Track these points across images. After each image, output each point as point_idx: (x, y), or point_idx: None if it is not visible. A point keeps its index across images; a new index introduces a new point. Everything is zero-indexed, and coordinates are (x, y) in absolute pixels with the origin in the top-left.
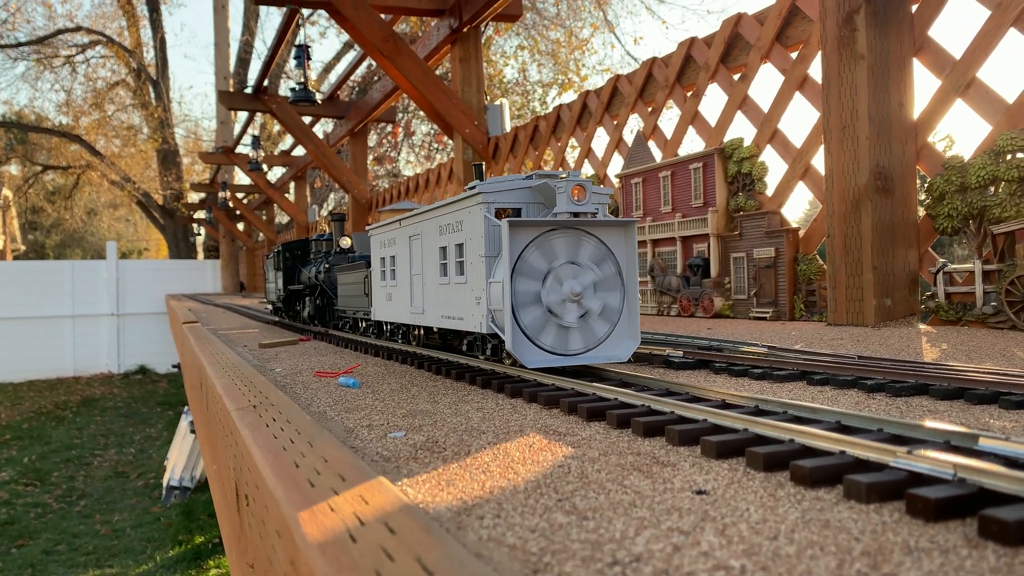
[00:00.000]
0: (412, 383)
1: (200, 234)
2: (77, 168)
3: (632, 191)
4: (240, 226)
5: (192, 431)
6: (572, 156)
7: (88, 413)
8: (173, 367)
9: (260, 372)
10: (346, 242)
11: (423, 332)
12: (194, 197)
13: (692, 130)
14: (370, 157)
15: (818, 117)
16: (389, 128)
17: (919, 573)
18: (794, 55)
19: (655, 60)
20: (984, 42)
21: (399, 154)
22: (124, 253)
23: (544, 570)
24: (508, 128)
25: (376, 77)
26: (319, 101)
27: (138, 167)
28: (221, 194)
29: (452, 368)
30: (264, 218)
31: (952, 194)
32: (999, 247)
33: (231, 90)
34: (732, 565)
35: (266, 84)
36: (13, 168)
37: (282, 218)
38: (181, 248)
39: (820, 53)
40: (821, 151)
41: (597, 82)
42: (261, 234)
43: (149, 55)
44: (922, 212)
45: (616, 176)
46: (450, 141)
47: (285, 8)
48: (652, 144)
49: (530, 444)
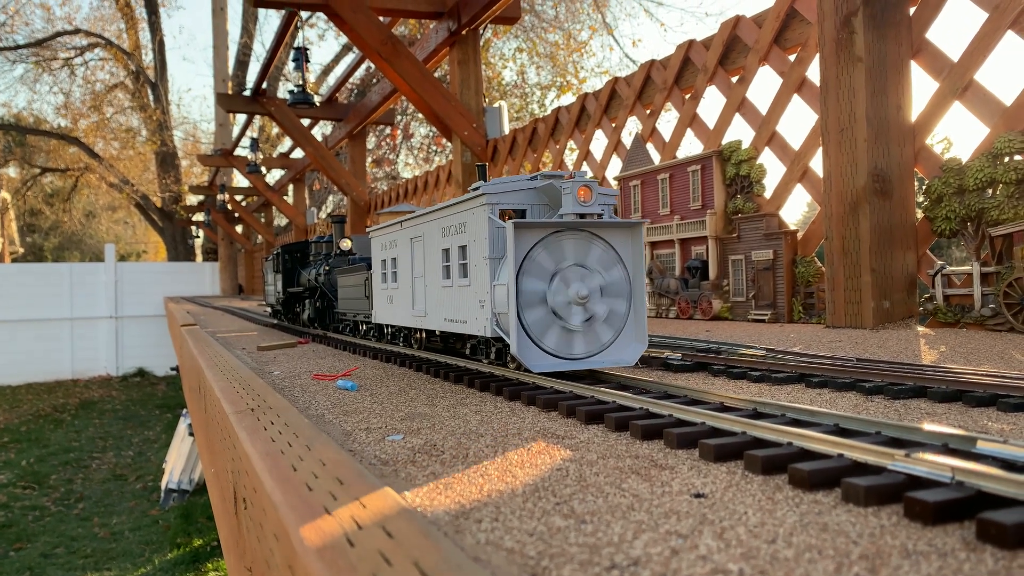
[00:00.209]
0: (410, 386)
1: (199, 236)
2: (75, 170)
3: (630, 193)
4: (239, 228)
5: (190, 434)
6: (570, 158)
7: (86, 416)
8: (171, 370)
9: (258, 375)
10: (346, 244)
11: (425, 335)
12: (193, 200)
13: (690, 132)
14: (369, 159)
15: (816, 119)
16: (388, 130)
17: None
18: (792, 57)
19: (653, 63)
20: (982, 44)
21: (398, 156)
22: (122, 256)
23: (542, 574)
24: (507, 130)
25: (375, 79)
26: (318, 103)
27: (136, 169)
28: (220, 196)
29: (450, 371)
30: (263, 220)
31: (950, 196)
32: (997, 249)
33: (230, 92)
34: (730, 569)
35: (265, 86)
36: (11, 171)
37: (281, 220)
38: (180, 251)
39: (818, 56)
40: (819, 153)
41: (595, 84)
42: (260, 236)
43: (148, 57)
44: (920, 214)
45: (614, 178)
46: (449, 143)
47: (284, 11)
48: (650, 146)
49: (528, 447)
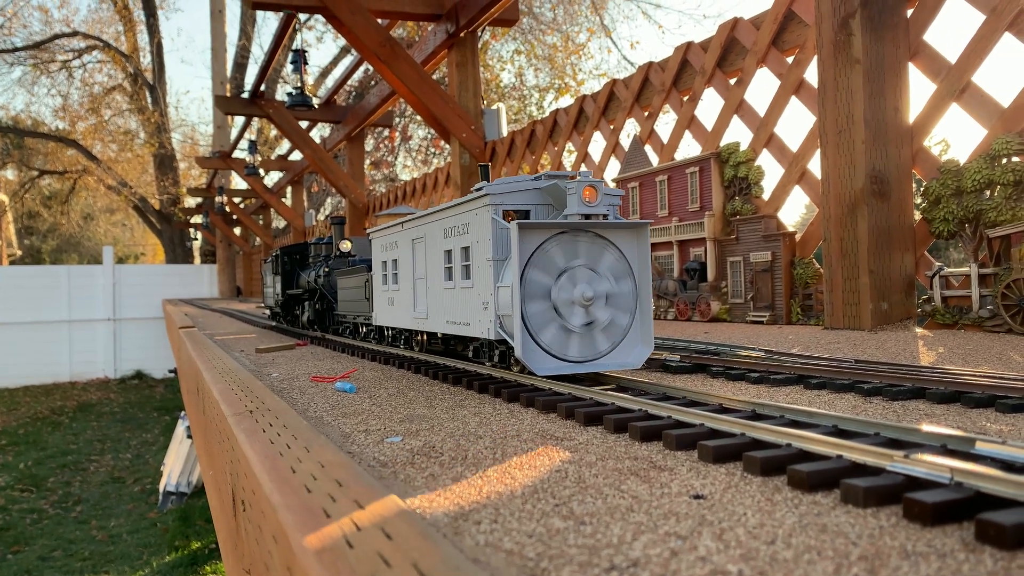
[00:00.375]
0: (409, 388)
1: (197, 239)
2: (74, 173)
3: (629, 195)
4: (237, 231)
5: (189, 436)
6: (569, 160)
7: (84, 418)
8: (170, 372)
9: (257, 377)
10: (346, 245)
11: (426, 338)
12: (191, 202)
13: (688, 134)
14: (367, 161)
15: (814, 121)
16: (386, 132)
17: None
18: (790, 59)
19: (652, 65)
20: (979, 46)
21: (396, 158)
22: (121, 258)
23: (541, 575)
24: (505, 132)
25: (373, 82)
26: (316, 106)
27: (135, 172)
28: (218, 199)
29: (449, 373)
30: (261, 223)
31: (948, 198)
32: (995, 251)
33: (228, 95)
34: (730, 570)
35: (263, 89)
36: (9, 173)
37: (279, 223)
38: (178, 253)
39: (816, 57)
40: (817, 155)
41: (594, 87)
42: (258, 239)
43: (146, 60)
44: (918, 216)
45: (613, 180)
46: (447, 145)
47: (282, 13)
48: (649, 148)
49: (527, 449)
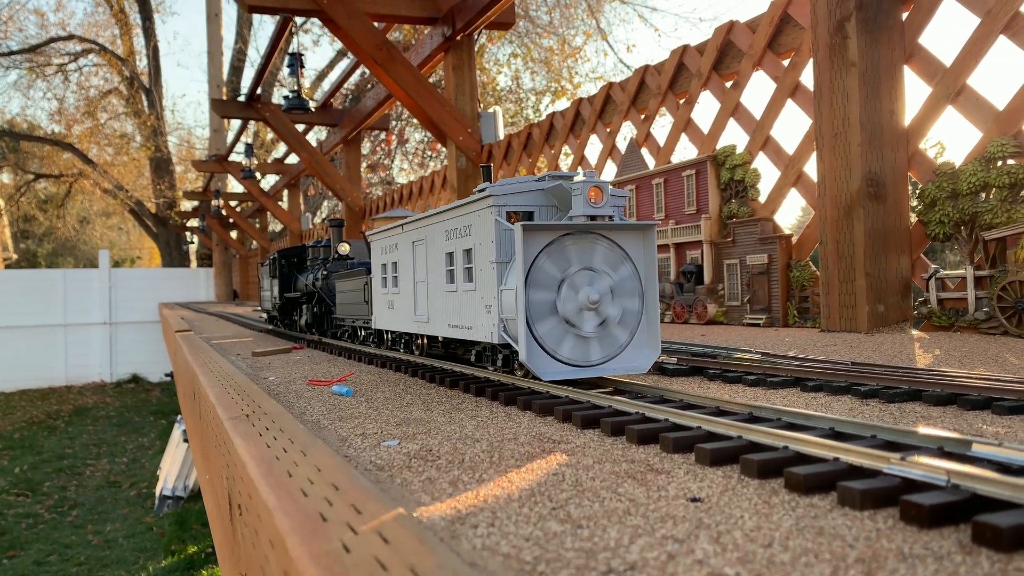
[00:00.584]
0: (406, 391)
1: (193, 242)
2: (69, 176)
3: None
4: (233, 234)
5: (185, 440)
6: (565, 163)
7: (80, 422)
8: (166, 376)
9: (253, 381)
10: (344, 248)
11: (427, 341)
12: (187, 205)
13: (685, 137)
14: (363, 165)
15: (810, 124)
16: (383, 136)
17: None
18: (786, 62)
19: (648, 68)
20: (974, 49)
21: (393, 161)
22: (117, 261)
23: None
24: (501, 135)
25: (369, 85)
26: (312, 109)
27: (131, 175)
28: (214, 202)
29: (447, 376)
30: (257, 226)
31: (944, 200)
32: (990, 253)
33: (224, 98)
34: (727, 573)
35: (259, 92)
36: (5, 176)
37: (275, 226)
38: (174, 256)
39: (812, 61)
40: (813, 158)
41: (590, 90)
42: (254, 242)
43: (142, 63)
44: (914, 218)
45: (609, 183)
46: (444, 149)
47: (278, 16)
48: (645, 151)
49: (524, 452)
